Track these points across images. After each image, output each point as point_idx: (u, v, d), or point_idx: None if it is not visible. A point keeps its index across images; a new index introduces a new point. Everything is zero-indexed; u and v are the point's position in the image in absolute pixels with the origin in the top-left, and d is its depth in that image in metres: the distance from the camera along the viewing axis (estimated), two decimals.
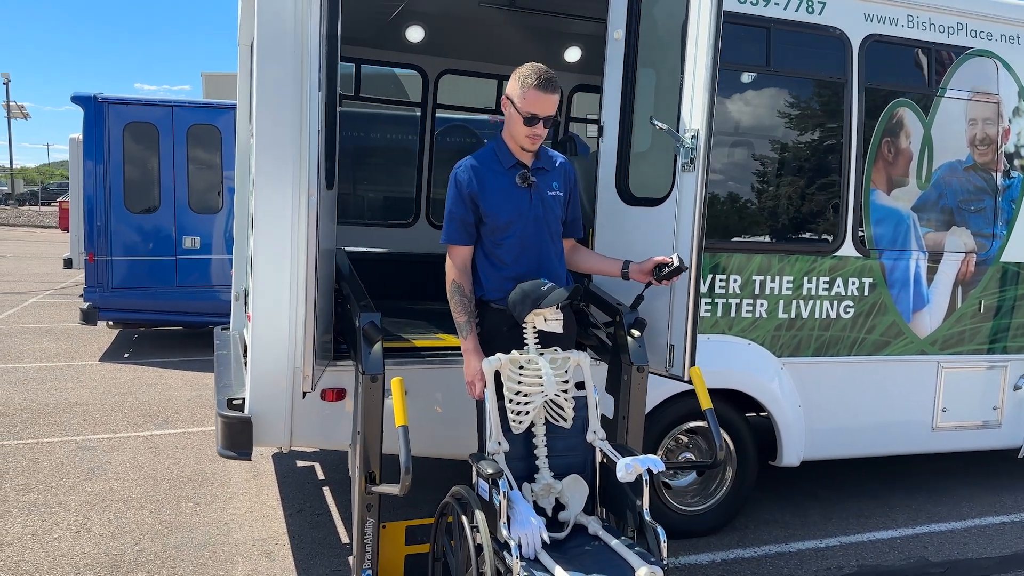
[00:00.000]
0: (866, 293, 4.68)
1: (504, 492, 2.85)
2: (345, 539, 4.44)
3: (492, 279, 3.37)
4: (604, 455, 3.21)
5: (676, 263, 3.34)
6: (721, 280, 4.38)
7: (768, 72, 4.43)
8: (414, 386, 3.83)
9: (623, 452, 3.14)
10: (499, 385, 3.17)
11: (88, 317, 8.74)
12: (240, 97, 5.47)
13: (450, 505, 3.19)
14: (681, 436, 4.55)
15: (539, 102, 3.19)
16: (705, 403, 3.40)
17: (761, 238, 4.56)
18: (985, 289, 4.98)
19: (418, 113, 6.59)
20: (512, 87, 3.25)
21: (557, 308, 3.19)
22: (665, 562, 2.85)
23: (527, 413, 3.15)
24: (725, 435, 4.54)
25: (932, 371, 4.92)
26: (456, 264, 3.36)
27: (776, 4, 4.33)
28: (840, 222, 4.60)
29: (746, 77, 4.43)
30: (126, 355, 9.08)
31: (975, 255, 4.94)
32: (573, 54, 6.27)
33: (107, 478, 5.18)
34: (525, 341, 3.22)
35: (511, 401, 3.15)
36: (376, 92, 6.92)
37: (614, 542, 2.98)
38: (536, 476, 3.17)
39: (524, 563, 2.77)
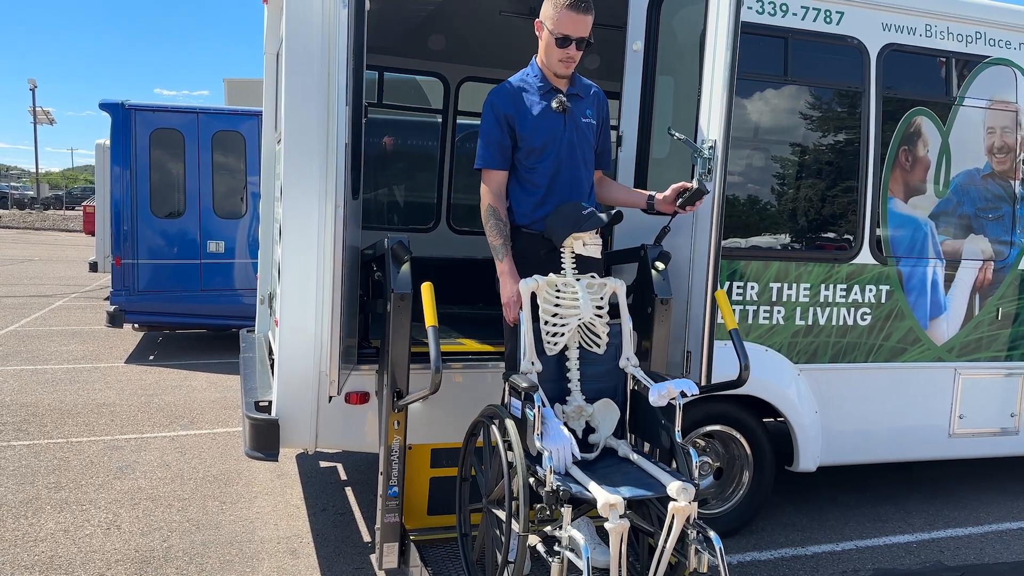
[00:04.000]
0: (883, 300, 4.72)
1: (538, 406, 2.87)
2: (367, 538, 4.53)
3: (525, 204, 3.40)
4: (636, 382, 3.24)
5: (695, 186, 3.38)
6: (739, 287, 4.43)
7: (786, 81, 4.48)
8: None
9: (655, 379, 3.15)
10: (535, 308, 3.19)
11: (114, 320, 8.91)
12: (266, 105, 5.59)
13: (480, 425, 3.22)
14: (698, 440, 4.61)
15: (572, 23, 3.20)
16: (730, 323, 3.39)
17: (779, 246, 4.61)
18: (1003, 296, 5.00)
19: (439, 119, 6.69)
20: (545, 10, 3.26)
21: (596, 233, 3.23)
22: (696, 481, 2.86)
23: (562, 335, 3.18)
24: (743, 440, 4.59)
25: (949, 378, 4.94)
26: (491, 189, 3.38)
27: (794, 15, 4.38)
28: (858, 230, 4.64)
29: (764, 86, 4.49)
30: (151, 357, 9.24)
31: (993, 262, 4.96)
32: (591, 61, 6.34)
33: (135, 477, 5.31)
34: (562, 265, 3.26)
35: (547, 323, 3.18)
36: (398, 99, 7.03)
37: (644, 463, 3.00)
38: (568, 399, 3.20)
39: (556, 476, 2.80)
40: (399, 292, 3.31)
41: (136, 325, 9.60)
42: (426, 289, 3.14)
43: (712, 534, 2.77)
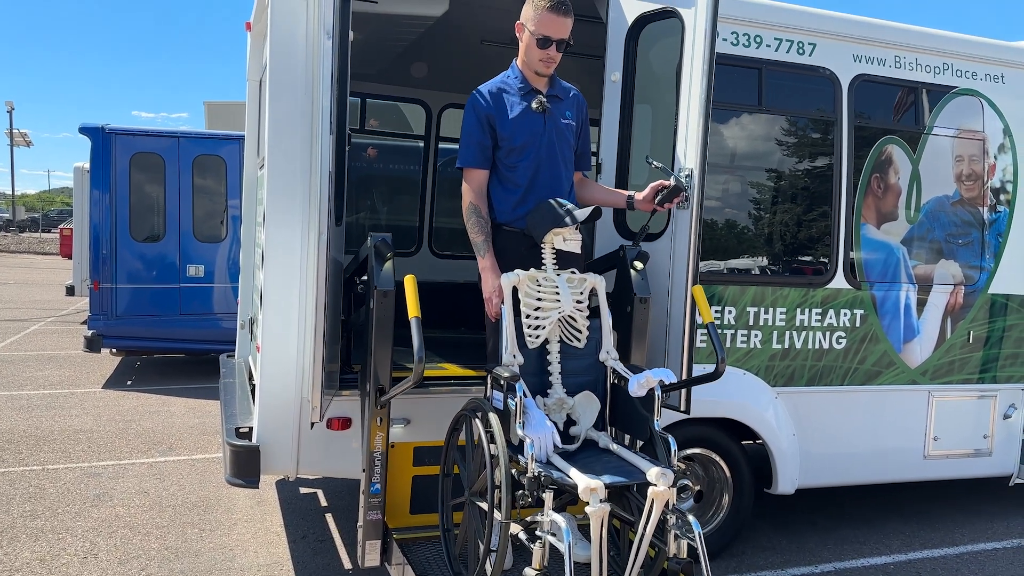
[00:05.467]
0: (858, 324, 4.80)
1: (519, 395, 2.92)
2: (348, 565, 4.51)
3: (505, 202, 3.48)
4: (616, 376, 3.30)
5: (672, 184, 3.48)
6: (716, 311, 4.50)
7: (761, 111, 4.58)
8: (418, 415, 3.93)
9: (635, 372, 3.22)
10: (516, 302, 3.25)
11: (92, 345, 8.83)
12: (248, 130, 5.63)
13: (462, 419, 3.25)
14: (679, 463, 4.64)
15: (552, 24, 3.31)
16: (707, 317, 3.45)
17: (755, 271, 4.69)
18: (974, 320, 5.10)
19: (421, 145, 6.75)
20: (526, 12, 3.37)
21: (576, 228, 3.30)
22: (675, 468, 2.92)
23: (544, 328, 3.23)
24: (722, 463, 4.64)
25: (923, 400, 5.02)
26: (472, 188, 3.47)
27: (768, 46, 4.49)
28: (832, 255, 4.73)
29: (739, 116, 4.59)
30: (129, 382, 9.16)
31: (964, 287, 5.07)
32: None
33: (113, 504, 5.26)
34: (543, 261, 3.32)
35: (528, 316, 3.24)
36: (381, 124, 7.09)
37: (625, 452, 3.06)
38: (549, 392, 3.25)
39: (538, 463, 2.84)
40: (382, 289, 3.35)
41: (114, 350, 9.52)
42: (409, 281, 3.19)
43: (691, 519, 2.83)
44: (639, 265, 3.66)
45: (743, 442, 4.72)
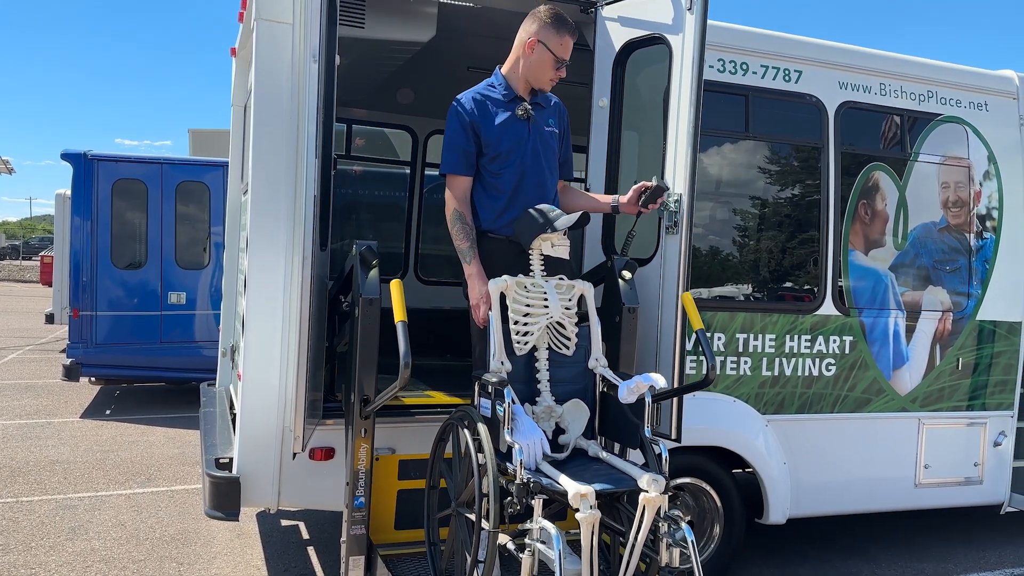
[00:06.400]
0: (847, 351, 4.77)
1: (507, 401, 2.87)
2: None
3: (490, 210, 3.47)
4: (605, 383, 3.26)
5: (654, 183, 3.48)
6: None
7: (748, 137, 4.59)
8: (403, 444, 3.85)
9: (624, 379, 3.18)
10: (504, 309, 3.20)
11: (71, 373, 8.67)
12: (233, 156, 5.57)
13: (449, 429, 3.19)
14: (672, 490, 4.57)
15: (569, 48, 3.46)
16: (696, 324, 3.44)
17: (744, 297, 4.66)
18: (963, 347, 5.09)
19: (407, 171, 6.72)
20: (545, 33, 3.43)
21: (564, 234, 3.28)
22: (666, 475, 2.89)
23: (532, 334, 3.19)
24: (713, 492, 4.56)
25: (914, 428, 4.99)
26: (456, 195, 3.46)
27: (754, 73, 4.50)
28: (820, 281, 4.71)
29: (727, 142, 4.59)
30: (108, 411, 8.99)
31: (952, 313, 5.06)
32: None
33: (88, 538, 5.11)
34: (531, 267, 3.29)
35: (516, 323, 3.20)
36: (367, 150, 7.06)
37: (615, 460, 3.02)
38: (538, 399, 3.21)
39: (527, 470, 2.78)
40: (367, 296, 3.30)
41: (92, 378, 9.36)
42: (395, 285, 3.16)
43: (684, 526, 2.78)
44: (627, 275, 3.64)
45: (734, 471, 4.66)
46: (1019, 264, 5.21)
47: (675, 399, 3.56)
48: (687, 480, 4.53)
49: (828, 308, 4.72)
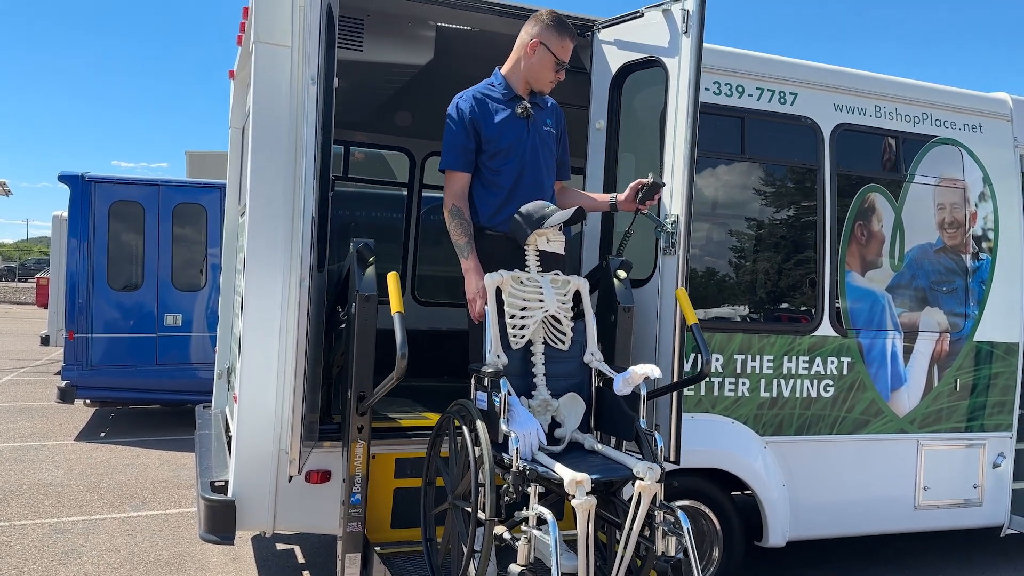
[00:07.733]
0: (845, 372, 4.76)
1: (504, 392, 2.87)
2: None
3: (488, 206, 3.51)
4: (600, 378, 3.27)
5: (651, 180, 3.49)
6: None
7: (744, 159, 4.61)
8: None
9: (619, 372, 3.19)
10: (500, 303, 3.21)
11: (65, 396, 8.62)
12: (230, 177, 5.58)
13: (445, 425, 3.19)
14: (667, 515, 4.53)
15: (569, 51, 3.52)
16: (691, 318, 3.45)
17: (741, 318, 4.66)
18: (960, 368, 5.08)
19: (405, 193, 6.74)
20: (547, 35, 3.48)
21: (559, 230, 3.30)
22: (662, 464, 2.89)
23: (527, 328, 3.19)
24: (712, 514, 4.53)
25: (912, 449, 4.97)
26: (455, 190, 3.49)
27: (750, 96, 4.53)
28: (818, 302, 4.71)
29: (723, 164, 4.61)
30: (103, 434, 8.93)
31: (949, 334, 5.06)
32: None
33: (82, 562, 5.05)
34: (527, 262, 3.29)
35: (512, 316, 3.20)
36: (364, 172, 7.08)
37: (610, 451, 3.02)
38: (533, 393, 3.21)
39: (523, 460, 2.78)
40: (364, 293, 3.30)
41: (87, 401, 9.30)
42: (392, 278, 3.17)
43: (680, 514, 2.79)
44: (622, 274, 3.66)
45: (732, 493, 4.63)
46: (1015, 285, 5.22)
47: (673, 414, 3.55)
48: (685, 503, 4.49)
49: (826, 329, 4.72)
